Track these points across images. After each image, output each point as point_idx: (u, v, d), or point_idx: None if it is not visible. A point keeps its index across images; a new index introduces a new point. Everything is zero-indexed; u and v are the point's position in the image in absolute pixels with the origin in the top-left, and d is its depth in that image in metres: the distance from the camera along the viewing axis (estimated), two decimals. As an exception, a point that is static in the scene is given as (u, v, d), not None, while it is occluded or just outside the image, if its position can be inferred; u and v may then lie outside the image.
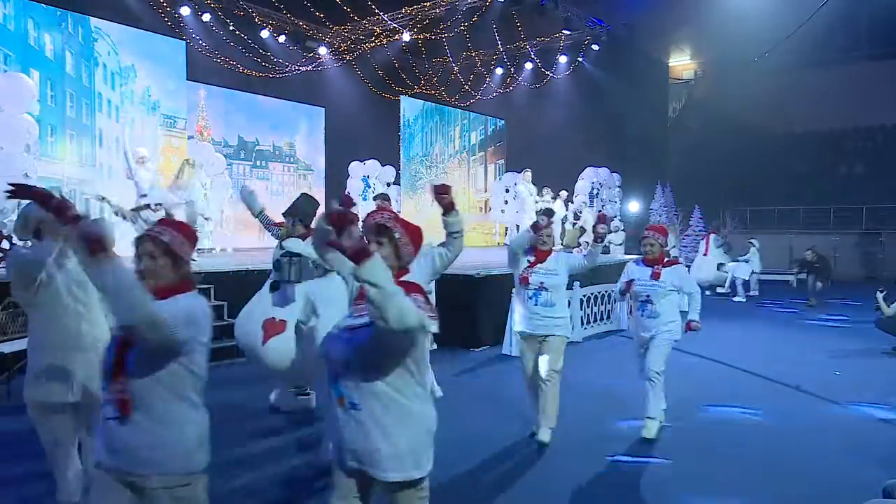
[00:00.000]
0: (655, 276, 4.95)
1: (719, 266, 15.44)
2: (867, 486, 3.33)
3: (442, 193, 3.33)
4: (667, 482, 4.23)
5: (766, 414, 5.77)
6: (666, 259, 5.11)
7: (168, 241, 2.31)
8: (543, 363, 4.82)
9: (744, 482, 4.24)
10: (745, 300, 14.52)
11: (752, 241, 15.81)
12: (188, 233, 2.40)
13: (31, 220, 3.30)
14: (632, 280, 5.09)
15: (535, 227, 4.80)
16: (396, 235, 2.43)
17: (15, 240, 7.03)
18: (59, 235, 3.23)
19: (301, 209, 4.92)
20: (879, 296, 8.85)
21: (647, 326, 5.01)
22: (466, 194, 19.17)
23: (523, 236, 4.94)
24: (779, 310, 13.06)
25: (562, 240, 14.82)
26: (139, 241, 2.36)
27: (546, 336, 4.81)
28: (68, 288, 3.25)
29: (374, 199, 7.09)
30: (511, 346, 7.89)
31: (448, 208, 3.34)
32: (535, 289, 4.75)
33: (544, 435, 4.83)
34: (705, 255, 15.58)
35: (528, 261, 4.84)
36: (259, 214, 5.29)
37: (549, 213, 5.11)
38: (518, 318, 5.01)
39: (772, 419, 5.62)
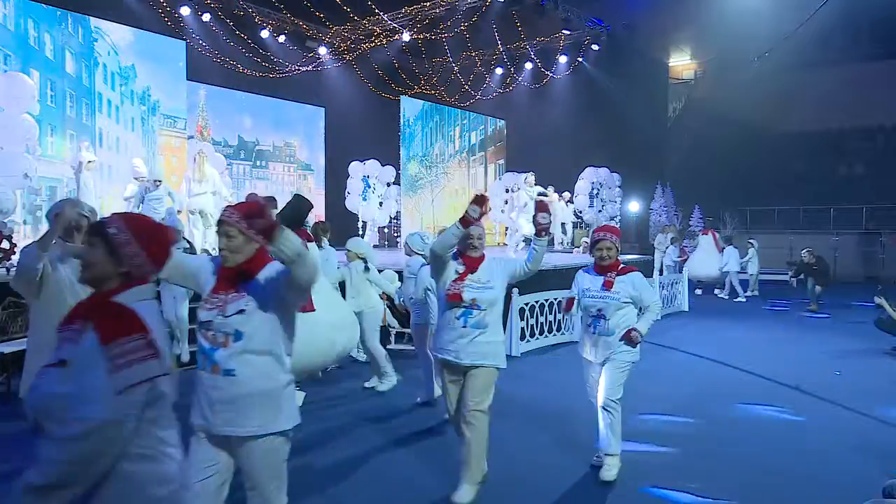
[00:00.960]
0: (607, 286, 4.12)
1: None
2: (867, 486, 3.33)
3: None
4: (666, 482, 4.22)
5: (765, 414, 5.77)
6: (622, 266, 4.23)
7: None
8: (467, 399, 3.74)
9: (743, 482, 4.23)
10: (745, 300, 14.53)
11: (751, 241, 15.83)
12: None
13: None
14: (573, 298, 4.30)
15: (464, 221, 3.58)
16: (111, 231, 1.81)
17: (15, 239, 7.05)
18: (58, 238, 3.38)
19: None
20: (882, 299, 8.81)
21: (599, 347, 4.17)
22: (466, 194, 19.20)
23: (450, 235, 3.63)
24: (779, 310, 13.06)
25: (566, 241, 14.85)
26: None
27: (473, 366, 3.74)
28: (71, 283, 3.32)
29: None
30: (510, 348, 7.86)
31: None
32: (466, 307, 3.70)
33: (465, 496, 3.70)
34: (720, 251, 15.45)
35: (458, 271, 3.77)
36: None
37: (480, 200, 3.60)
38: (437, 340, 3.92)
39: (771, 419, 5.62)
